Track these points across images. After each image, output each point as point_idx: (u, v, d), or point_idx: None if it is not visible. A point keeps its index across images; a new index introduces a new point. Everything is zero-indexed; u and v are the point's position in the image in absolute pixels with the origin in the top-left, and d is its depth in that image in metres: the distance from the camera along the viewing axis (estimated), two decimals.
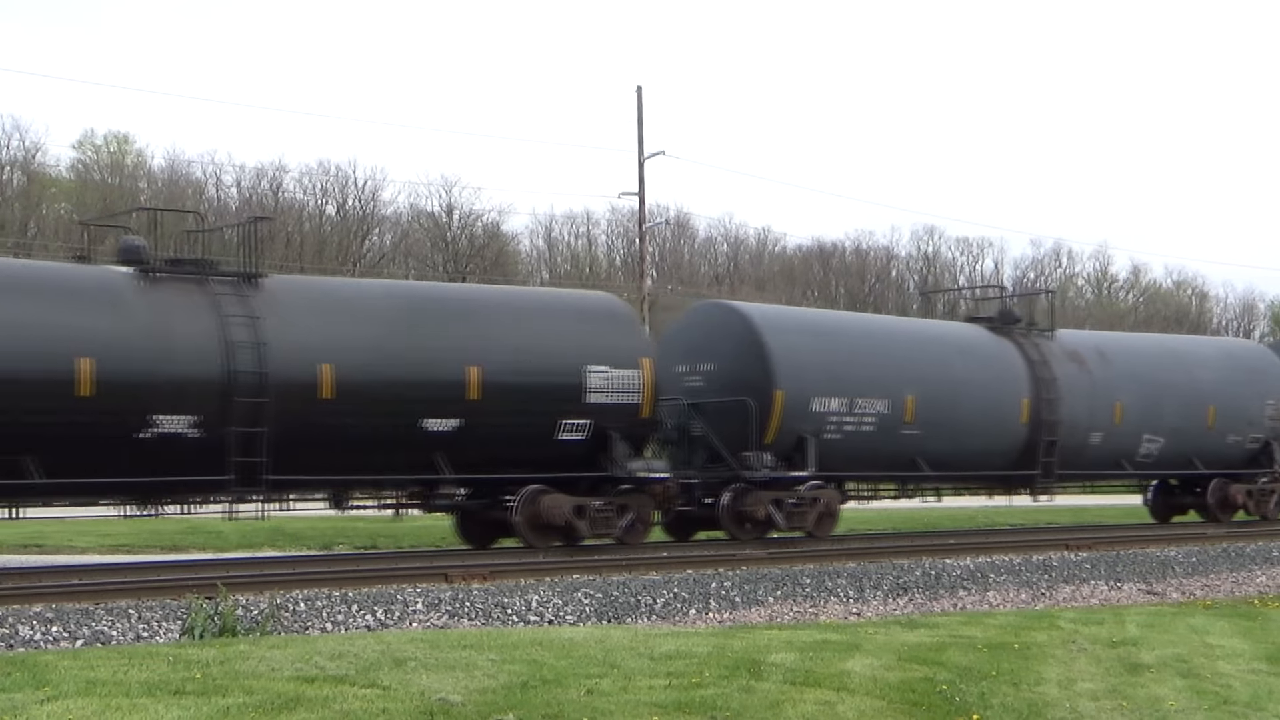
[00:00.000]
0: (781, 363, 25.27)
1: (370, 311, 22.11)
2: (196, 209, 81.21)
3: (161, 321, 19.99)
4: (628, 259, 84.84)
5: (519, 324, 23.31)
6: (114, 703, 9.71)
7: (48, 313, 19.28)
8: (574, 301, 25.75)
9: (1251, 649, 14.65)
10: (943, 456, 27.56)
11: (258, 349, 20.30)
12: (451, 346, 22.26)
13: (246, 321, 20.41)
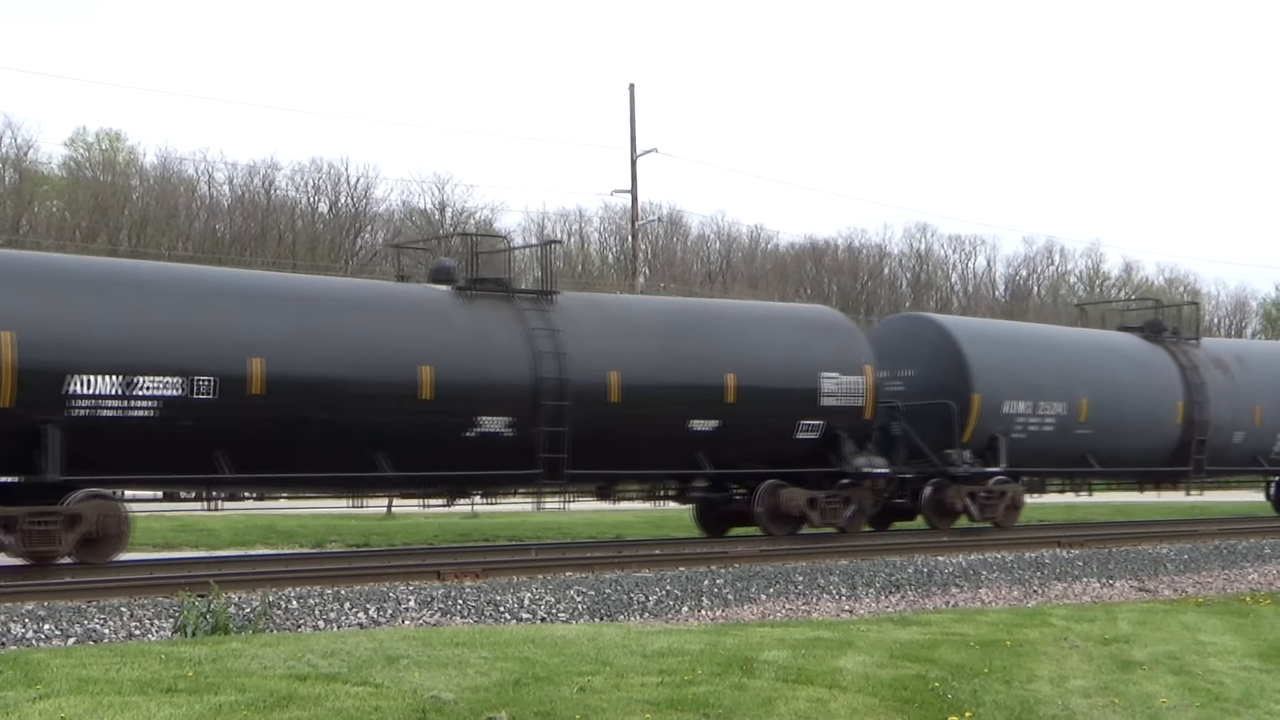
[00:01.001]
0: (978, 369, 28.36)
1: (646, 325, 25.08)
2: (188, 206, 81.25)
3: (481, 334, 22.98)
4: (620, 257, 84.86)
5: (765, 336, 26.28)
6: (106, 700, 9.70)
7: (397, 326, 22.24)
8: (807, 314, 29.16)
9: (1243, 646, 14.67)
10: (1109, 454, 30.80)
11: (559, 358, 23.20)
12: (712, 356, 25.11)
13: (549, 334, 23.32)
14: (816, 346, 26.51)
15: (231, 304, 20.91)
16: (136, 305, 20.04)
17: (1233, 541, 28.59)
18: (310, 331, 21.28)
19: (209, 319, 20.43)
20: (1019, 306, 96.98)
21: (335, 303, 22.10)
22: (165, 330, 19.95)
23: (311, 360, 21.08)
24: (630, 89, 54.82)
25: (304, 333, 21.21)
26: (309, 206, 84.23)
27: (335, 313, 21.81)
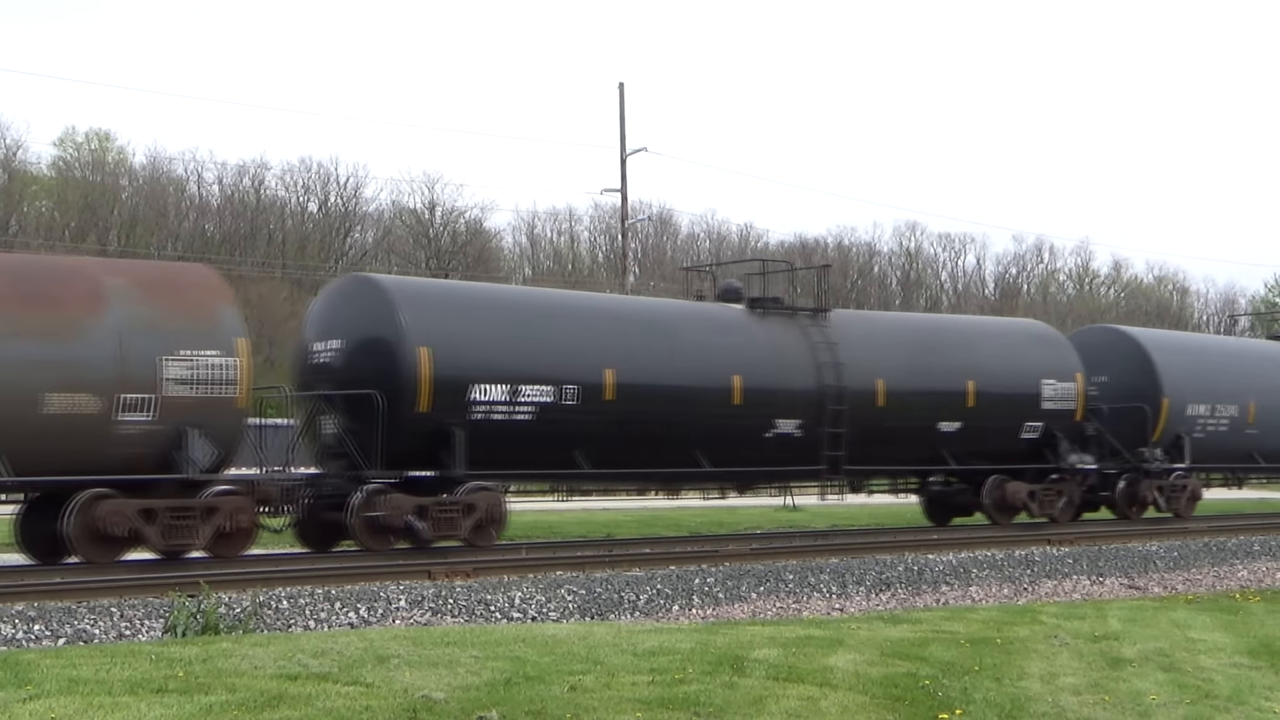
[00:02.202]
0: (1166, 376, 32.11)
1: (901, 339, 28.62)
2: (177, 206, 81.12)
3: (776, 347, 26.28)
4: (610, 255, 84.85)
5: (996, 347, 29.93)
6: (96, 701, 9.69)
7: (713, 341, 25.58)
8: (1028, 328, 32.77)
9: (1233, 643, 14.69)
10: (1273, 451, 34.51)
11: (837, 368, 26.54)
12: (955, 366, 28.57)
13: (827, 347, 26.70)
14: (1037, 356, 30.19)
15: (590, 323, 24.42)
16: (521, 325, 23.45)
17: (1222, 539, 28.65)
18: (649, 346, 24.70)
19: (574, 336, 23.81)
20: (1008, 305, 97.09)
21: (666, 321, 25.64)
22: (542, 346, 23.31)
23: (650, 370, 24.41)
24: (620, 88, 54.84)
25: (644, 347, 24.61)
26: (298, 206, 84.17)
27: (667, 329, 25.31)
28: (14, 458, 18.34)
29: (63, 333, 18.99)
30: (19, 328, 18.68)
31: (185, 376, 19.53)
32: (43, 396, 18.54)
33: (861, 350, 27.16)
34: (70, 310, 19.19)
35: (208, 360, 19.70)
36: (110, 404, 18.94)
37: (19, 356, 18.53)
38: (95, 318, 19.24)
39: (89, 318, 19.23)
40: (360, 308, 22.62)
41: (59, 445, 18.69)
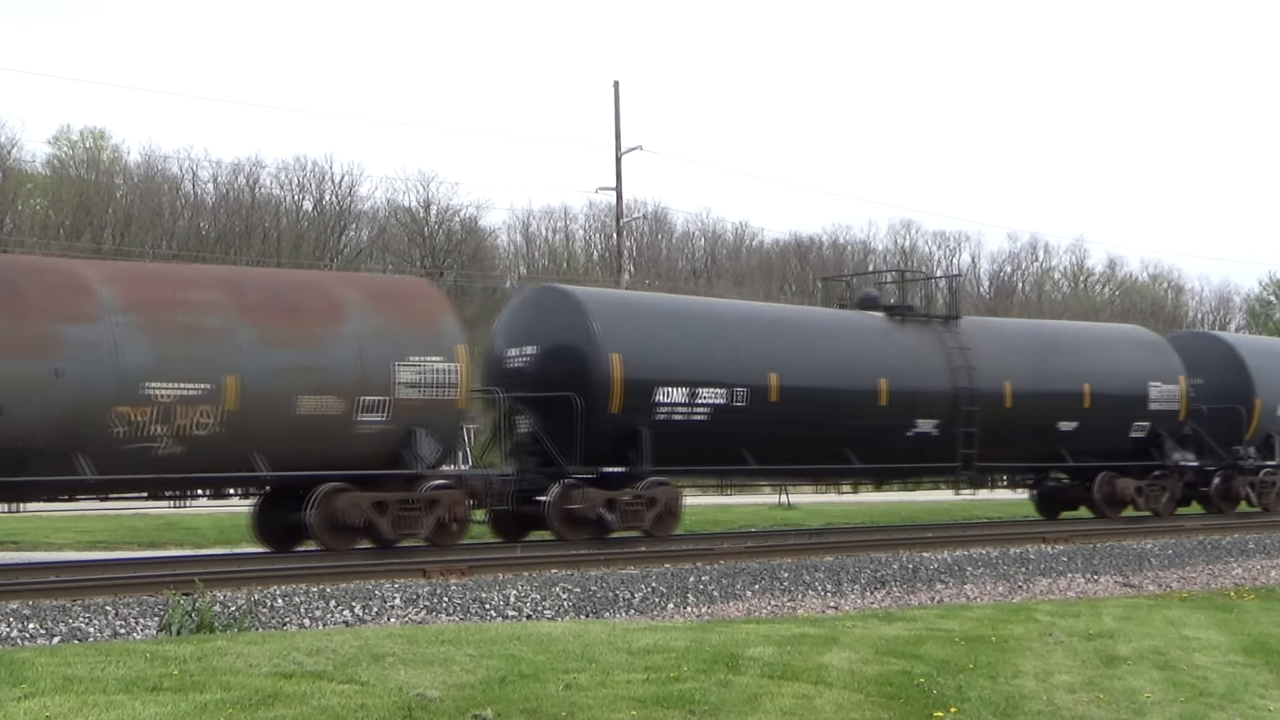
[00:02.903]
0: (1258, 379, 34.25)
1: (1024, 344, 30.99)
2: (172, 205, 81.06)
3: (915, 352, 28.41)
4: (605, 254, 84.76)
5: (1108, 352, 32.27)
6: (91, 699, 9.68)
7: (861, 346, 27.72)
8: (1134, 333, 35.03)
9: (1227, 641, 14.71)
10: None
11: (969, 372, 28.72)
12: (1073, 369, 30.92)
13: (960, 352, 28.84)
14: (1144, 360, 32.58)
15: (756, 330, 26.48)
16: (698, 333, 25.55)
17: (1217, 536, 28.69)
18: (806, 351, 26.67)
19: (743, 342, 25.87)
20: (1003, 303, 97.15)
21: (820, 328, 27.83)
22: (716, 352, 25.35)
23: (808, 374, 26.35)
24: (615, 86, 54.81)
25: (802, 352, 26.54)
26: (293, 204, 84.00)
27: (820, 336, 27.38)
28: (270, 455, 20.23)
29: (311, 341, 20.97)
30: (277, 337, 20.66)
31: (414, 380, 21.58)
32: (296, 399, 20.50)
33: (990, 355, 29.46)
34: (317, 321, 21.18)
35: (433, 365, 21.77)
36: (351, 406, 21.01)
37: (277, 364, 20.48)
38: (338, 327, 21.30)
39: (332, 328, 21.26)
40: (554, 317, 24.66)
41: (307, 443, 20.65)
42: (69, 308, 19.19)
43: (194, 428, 19.57)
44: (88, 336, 19.05)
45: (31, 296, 19.07)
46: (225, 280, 21.58)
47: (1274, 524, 31.61)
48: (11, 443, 18.25)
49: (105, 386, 18.95)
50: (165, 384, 19.39)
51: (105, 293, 19.57)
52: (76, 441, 18.72)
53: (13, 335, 18.51)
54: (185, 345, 19.78)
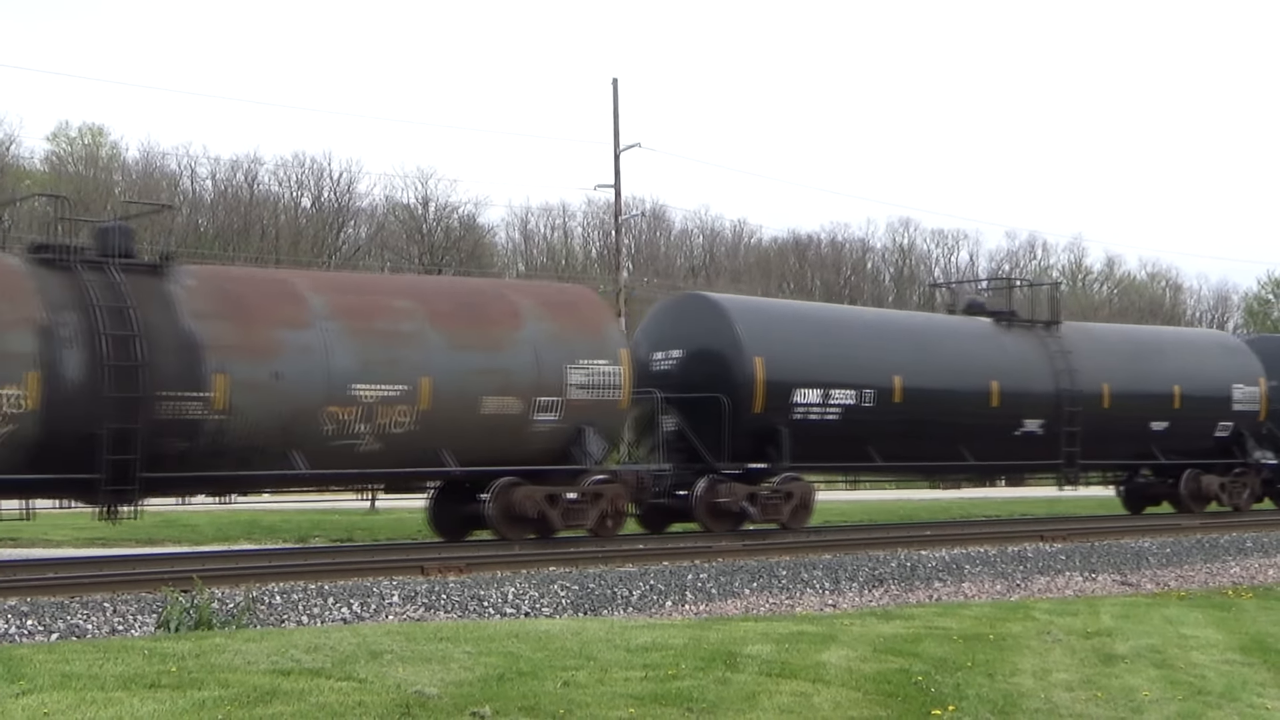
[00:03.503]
0: None
1: (1119, 347, 32.72)
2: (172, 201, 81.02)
3: (1022, 355, 30.15)
4: (603, 251, 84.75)
5: (1194, 355, 33.85)
6: (89, 696, 9.69)
7: (974, 350, 29.44)
8: (1216, 338, 37.43)
9: (1225, 639, 14.72)
10: None
11: (1071, 375, 30.52)
12: (1164, 372, 32.64)
13: (1062, 355, 30.70)
14: (1226, 364, 34.14)
15: (882, 335, 28.22)
16: (830, 337, 27.16)
17: (1215, 535, 28.70)
18: (926, 355, 28.31)
19: (870, 346, 27.50)
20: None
21: (936, 333, 29.62)
22: (847, 355, 26.92)
23: (928, 376, 27.94)
24: (614, 84, 54.74)
25: (922, 356, 28.18)
26: (292, 201, 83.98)
27: (937, 340, 29.08)
28: (457, 451, 21.82)
29: (494, 346, 22.59)
30: (465, 342, 22.29)
31: (584, 382, 23.18)
32: (481, 399, 22.11)
33: (1089, 358, 31.18)
34: (498, 327, 22.82)
35: (600, 368, 23.39)
36: (528, 405, 22.58)
37: (465, 366, 22.06)
38: (516, 333, 22.91)
39: (512, 333, 22.87)
40: (699, 323, 26.18)
41: (489, 440, 22.25)
42: (286, 315, 20.82)
43: (392, 426, 21.24)
44: (302, 341, 20.71)
45: (254, 306, 20.68)
46: (415, 289, 23.63)
47: (1273, 522, 31.68)
48: (240, 440, 19.96)
49: (317, 388, 20.60)
50: (369, 385, 21.07)
51: (315, 300, 21.28)
52: (292, 439, 20.41)
53: (241, 342, 20.15)
54: (385, 350, 21.40)
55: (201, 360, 19.75)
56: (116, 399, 18.81)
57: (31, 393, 18.40)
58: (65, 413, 18.56)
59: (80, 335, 18.91)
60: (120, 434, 18.81)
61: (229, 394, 19.80)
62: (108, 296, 19.32)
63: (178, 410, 19.46)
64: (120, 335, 19.08)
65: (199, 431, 19.68)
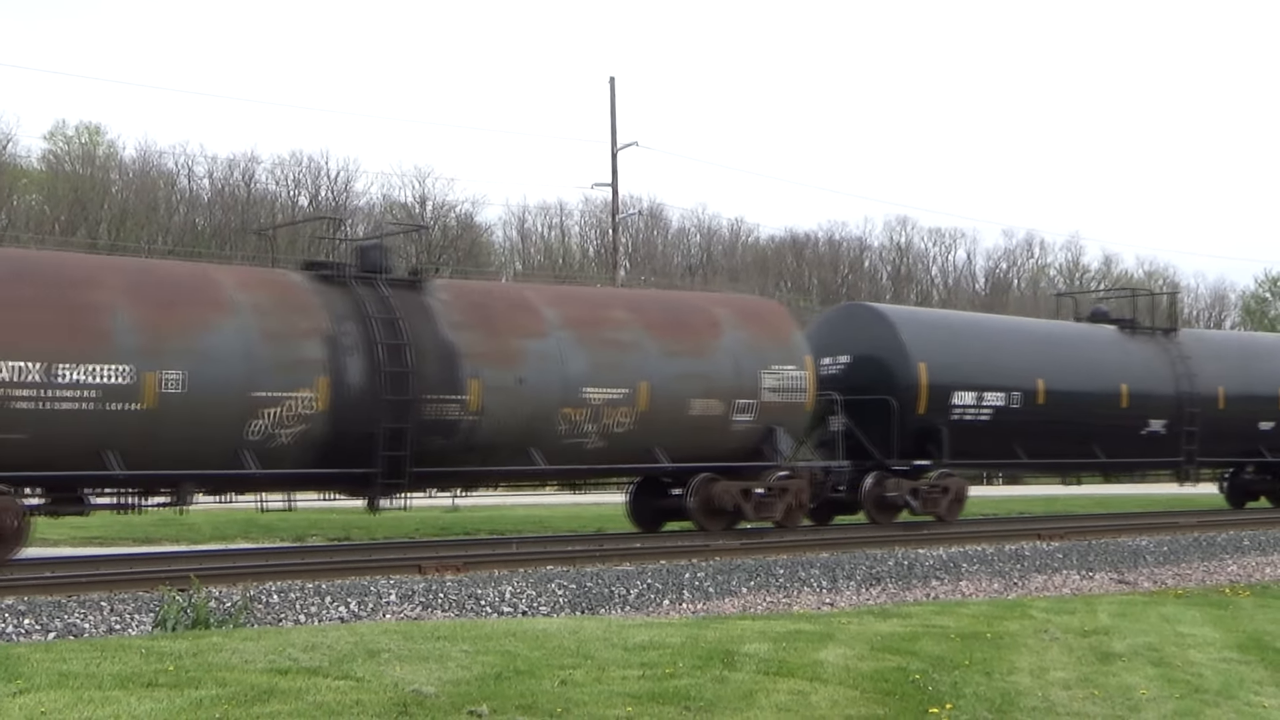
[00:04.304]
0: None
1: (1229, 351, 35.40)
2: (168, 200, 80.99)
3: (1146, 360, 32.53)
4: (601, 250, 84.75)
5: None
6: (86, 695, 9.68)
7: (1105, 355, 31.84)
8: None
9: (1222, 638, 14.72)
10: None
11: (1190, 378, 32.88)
12: (1269, 375, 34.92)
13: (1181, 360, 32.97)
14: None
15: (1026, 341, 30.72)
16: (983, 343, 29.57)
17: (1212, 533, 28.72)
18: (1063, 360, 30.59)
19: (1018, 352, 29.99)
20: (999, 300, 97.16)
21: (1071, 339, 31.88)
22: (997, 360, 29.26)
23: (1066, 379, 30.22)
24: (611, 82, 54.81)
25: (1061, 360, 30.48)
26: (289, 200, 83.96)
27: (1072, 346, 31.45)
28: (667, 448, 24.11)
29: (700, 353, 24.90)
30: (675, 350, 24.59)
31: (775, 385, 25.44)
32: (689, 402, 24.42)
33: (1205, 362, 33.52)
34: (702, 336, 25.14)
35: (789, 373, 25.68)
36: (729, 407, 24.83)
37: (676, 371, 24.36)
38: (718, 341, 25.26)
39: (714, 341, 25.21)
40: (865, 331, 28.48)
41: (694, 438, 24.46)
42: (526, 326, 23.16)
43: (615, 425, 23.55)
44: (541, 349, 23.02)
45: (499, 317, 23.07)
46: (631, 301, 26.09)
47: (1270, 521, 31.76)
48: (488, 438, 22.30)
49: (554, 391, 22.90)
50: (596, 389, 23.39)
51: (549, 312, 23.66)
52: (532, 437, 22.75)
53: (491, 350, 22.48)
54: (610, 356, 23.72)
55: (459, 366, 22.02)
56: (391, 401, 21.01)
57: (322, 395, 20.56)
58: (348, 414, 20.73)
59: (359, 344, 21.11)
60: (393, 433, 21.07)
61: (481, 397, 22.13)
62: (380, 309, 21.53)
63: (439, 411, 21.73)
64: (393, 344, 21.24)
65: (455, 430, 21.99)
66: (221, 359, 19.77)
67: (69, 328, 18.70)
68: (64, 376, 18.44)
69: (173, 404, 19.20)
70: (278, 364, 20.25)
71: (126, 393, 18.90)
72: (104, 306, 19.15)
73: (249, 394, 19.87)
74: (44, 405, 18.33)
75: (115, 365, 18.87)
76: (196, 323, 19.79)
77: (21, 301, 18.58)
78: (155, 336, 19.31)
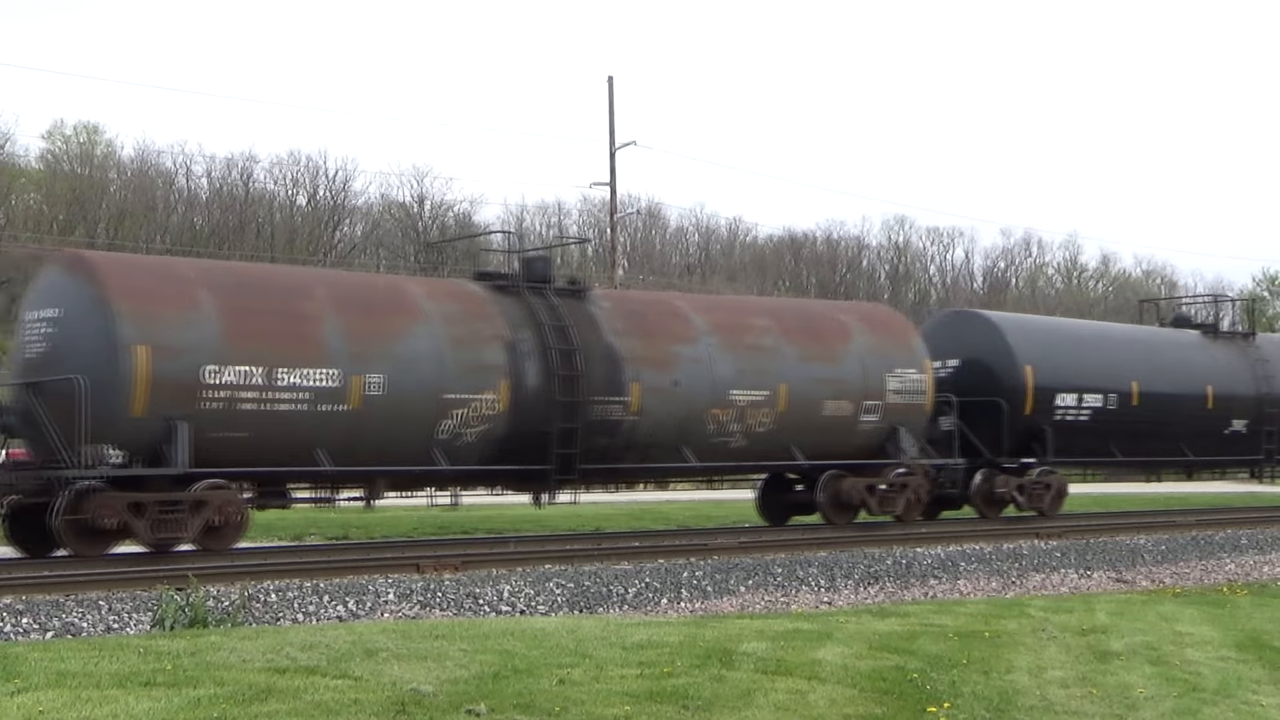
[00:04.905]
0: None
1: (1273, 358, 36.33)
2: (166, 199, 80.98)
3: (1228, 363, 34.22)
4: (599, 249, 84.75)
5: None
6: (84, 694, 9.67)
7: (1191, 359, 33.50)
8: None
9: (1220, 636, 14.72)
10: None
11: (1270, 380, 34.60)
12: None
13: (1260, 363, 34.67)
14: None
15: (1120, 346, 32.41)
16: (1082, 348, 31.37)
17: (1210, 532, 28.73)
18: (1154, 363, 32.26)
19: (1113, 356, 31.67)
20: (997, 299, 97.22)
21: (1161, 344, 33.50)
22: (1096, 364, 30.99)
23: (1158, 381, 31.93)
24: (609, 82, 54.81)
25: (1152, 364, 32.15)
26: (287, 199, 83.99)
27: (1161, 350, 33.01)
28: (802, 447, 25.73)
29: (831, 358, 26.50)
30: (810, 354, 26.22)
31: (898, 388, 27.04)
32: (822, 403, 26.06)
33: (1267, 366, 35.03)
34: (833, 341, 26.76)
35: (910, 376, 27.30)
36: (857, 408, 26.46)
37: (810, 375, 25.96)
38: (846, 346, 26.83)
39: (843, 347, 26.81)
40: (973, 336, 30.16)
41: (826, 438, 26.09)
42: (679, 332, 24.85)
43: (757, 425, 25.14)
44: (693, 354, 24.71)
45: (655, 324, 24.70)
46: (768, 309, 27.92)
47: (1267, 520, 31.78)
48: (645, 438, 23.98)
49: (704, 393, 24.53)
50: (741, 391, 24.99)
51: (698, 320, 25.35)
52: (684, 436, 24.40)
53: (649, 355, 24.11)
54: (753, 361, 25.34)
55: (621, 370, 23.71)
56: (563, 403, 22.68)
57: (503, 397, 22.19)
58: (525, 414, 22.34)
59: (535, 350, 22.75)
60: (565, 432, 22.73)
61: (641, 398, 23.80)
62: (551, 316, 23.19)
63: (604, 412, 23.37)
64: (564, 349, 22.92)
65: (618, 430, 23.65)
66: (417, 364, 21.35)
67: (287, 335, 20.26)
68: (283, 380, 19.94)
69: (375, 405, 20.73)
70: (465, 368, 21.88)
71: (335, 395, 20.42)
72: (315, 316, 20.73)
73: (441, 395, 21.48)
74: (265, 406, 19.81)
75: (326, 369, 20.40)
76: (394, 330, 21.38)
77: (248, 310, 20.08)
78: (360, 343, 20.87)
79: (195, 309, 19.63)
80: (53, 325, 19.62)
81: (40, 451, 19.34)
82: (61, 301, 19.61)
